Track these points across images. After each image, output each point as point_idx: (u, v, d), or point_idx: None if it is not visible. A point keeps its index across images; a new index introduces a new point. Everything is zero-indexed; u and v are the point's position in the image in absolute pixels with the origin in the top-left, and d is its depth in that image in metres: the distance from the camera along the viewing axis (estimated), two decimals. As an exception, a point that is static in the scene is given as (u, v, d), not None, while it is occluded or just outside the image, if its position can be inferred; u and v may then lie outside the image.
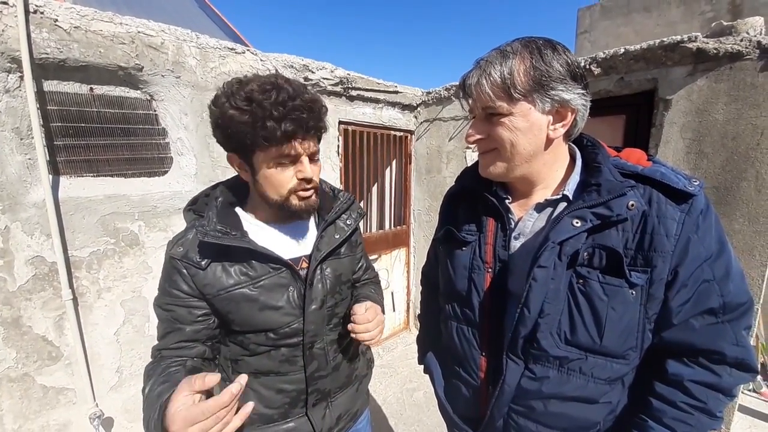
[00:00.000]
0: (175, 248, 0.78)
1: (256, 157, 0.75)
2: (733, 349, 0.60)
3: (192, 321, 0.79)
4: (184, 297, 0.78)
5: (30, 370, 1.44)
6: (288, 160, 0.75)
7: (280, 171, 0.76)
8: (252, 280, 0.79)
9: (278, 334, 0.82)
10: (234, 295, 0.78)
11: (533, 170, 0.69)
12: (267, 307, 0.80)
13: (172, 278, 0.78)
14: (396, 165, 3.05)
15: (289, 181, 0.77)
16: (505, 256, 0.72)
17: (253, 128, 0.70)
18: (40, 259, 1.43)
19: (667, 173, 0.62)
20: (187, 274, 0.77)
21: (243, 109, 0.69)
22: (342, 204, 0.93)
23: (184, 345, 0.79)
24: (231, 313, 0.79)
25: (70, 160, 1.51)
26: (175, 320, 0.79)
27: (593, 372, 0.64)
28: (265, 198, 0.80)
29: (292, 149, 0.74)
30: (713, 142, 1.60)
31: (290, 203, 0.79)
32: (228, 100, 0.71)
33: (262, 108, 0.69)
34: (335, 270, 0.89)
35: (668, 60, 1.66)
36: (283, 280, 0.82)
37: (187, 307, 0.78)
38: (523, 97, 0.61)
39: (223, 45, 1.79)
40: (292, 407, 0.87)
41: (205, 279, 0.77)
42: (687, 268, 0.59)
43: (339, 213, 0.91)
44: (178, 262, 0.77)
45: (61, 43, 1.36)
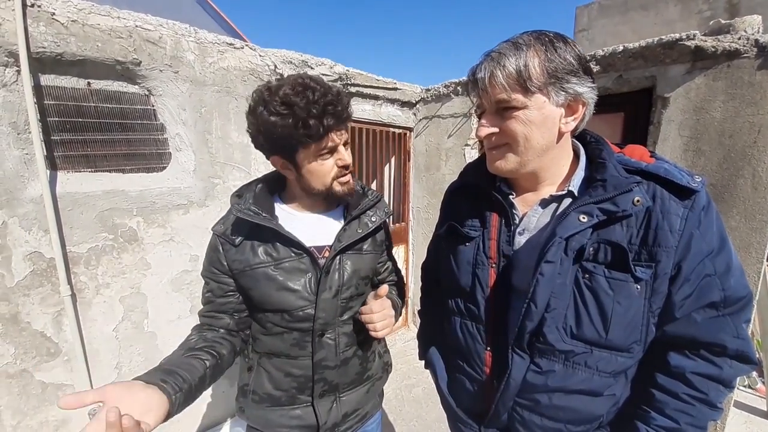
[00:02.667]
0: (218, 226, 0.89)
1: (299, 155, 0.81)
2: (733, 341, 0.61)
3: (221, 295, 0.89)
4: (217, 273, 0.88)
5: (28, 366, 1.43)
6: (328, 152, 0.82)
7: (322, 163, 0.83)
8: (274, 261, 0.85)
9: (292, 317, 0.87)
10: (257, 273, 0.85)
11: (542, 165, 0.69)
12: (284, 288, 0.85)
13: (211, 254, 0.89)
14: (395, 162, 3.04)
15: (331, 170, 0.84)
16: (510, 252, 0.72)
17: (296, 129, 0.76)
18: (38, 255, 1.42)
19: (671, 170, 0.63)
20: (222, 250, 0.87)
21: (282, 113, 0.75)
22: (369, 201, 0.97)
23: (214, 315, 0.90)
24: (251, 290, 0.87)
25: (68, 155, 1.50)
26: (210, 291, 0.90)
27: (598, 365, 0.64)
28: (309, 190, 0.87)
29: (331, 141, 0.81)
30: (710, 140, 1.62)
31: (334, 190, 0.86)
32: (265, 108, 0.77)
33: (300, 108, 0.75)
34: (355, 264, 0.92)
35: (666, 58, 1.67)
36: (303, 266, 0.87)
37: (218, 282, 0.89)
38: (538, 89, 0.61)
39: (222, 40, 1.77)
40: (299, 392, 0.91)
41: (236, 255, 0.86)
42: (690, 263, 0.60)
43: (364, 209, 0.95)
44: (217, 238, 0.88)
45: (59, 36, 1.34)
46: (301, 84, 0.78)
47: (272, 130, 0.77)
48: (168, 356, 0.80)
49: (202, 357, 0.80)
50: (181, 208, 1.76)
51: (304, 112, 0.75)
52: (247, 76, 1.85)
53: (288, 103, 0.75)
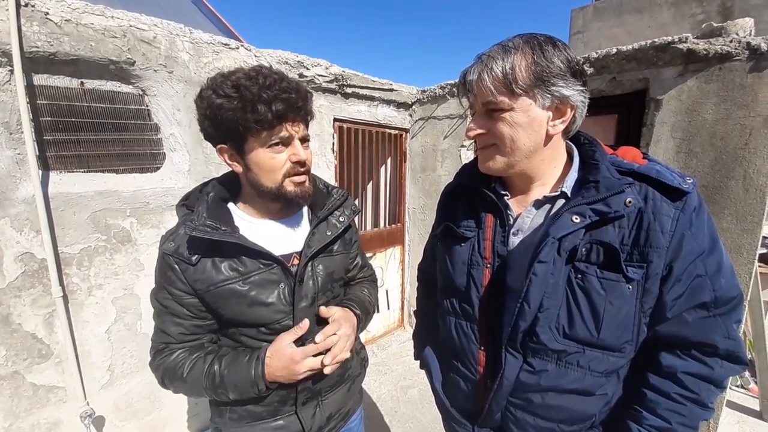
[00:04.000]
0: (167, 244, 0.78)
1: (248, 145, 0.74)
2: (724, 341, 0.61)
3: (189, 316, 0.81)
4: (179, 294, 0.79)
5: (20, 368, 1.41)
6: (280, 143, 0.75)
7: (273, 155, 0.75)
8: (242, 276, 0.79)
9: (270, 329, 0.82)
10: (223, 291, 0.78)
11: (532, 166, 0.69)
12: (257, 303, 0.79)
13: (166, 274, 0.79)
14: (391, 163, 3.05)
15: (282, 165, 0.77)
16: (504, 252, 0.72)
17: (243, 113, 0.70)
18: (30, 256, 1.40)
19: (663, 171, 0.63)
20: (179, 269, 0.77)
21: (231, 96, 0.70)
22: (335, 201, 0.92)
23: (189, 336, 0.82)
24: (220, 309, 0.80)
25: (61, 155, 1.48)
26: (173, 315, 0.81)
27: (590, 365, 0.65)
28: (259, 188, 0.79)
29: (284, 130, 0.74)
30: (702, 142, 1.63)
31: (285, 190, 0.79)
32: (214, 91, 0.71)
33: (251, 92, 0.69)
34: (327, 267, 0.88)
35: (659, 60, 1.69)
36: (274, 277, 0.81)
37: (181, 304, 0.80)
38: (524, 92, 0.62)
39: (217, 40, 1.77)
40: (281, 405, 0.86)
41: (196, 274, 0.77)
42: (681, 263, 0.61)
43: (332, 209, 0.91)
44: (170, 257, 0.77)
45: (52, 36, 1.32)
46: (254, 70, 0.73)
47: (218, 113, 0.71)
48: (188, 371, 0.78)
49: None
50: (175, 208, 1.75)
51: (254, 95, 0.70)
52: (243, 76, 1.85)
53: (237, 85, 0.70)
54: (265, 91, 0.70)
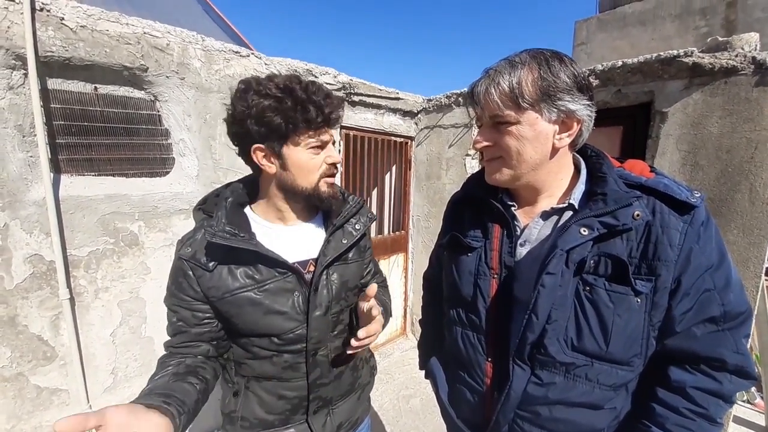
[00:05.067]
0: (184, 249, 0.78)
1: (290, 144, 0.76)
2: (733, 356, 0.61)
3: (196, 324, 0.80)
4: (189, 300, 0.79)
5: (24, 369, 1.41)
6: (320, 145, 0.78)
7: (312, 156, 0.78)
8: (257, 284, 0.78)
9: (282, 340, 0.81)
10: (239, 299, 0.77)
11: (538, 178, 0.70)
12: (271, 312, 0.79)
13: (179, 280, 0.78)
14: (396, 171, 3.06)
15: (319, 166, 0.80)
16: (511, 263, 0.73)
17: (294, 112, 0.72)
18: (39, 258, 1.42)
19: (671, 185, 0.64)
20: (193, 276, 0.77)
21: (278, 96, 0.72)
22: (351, 208, 0.91)
23: (190, 344, 0.81)
24: (234, 317, 0.79)
25: (72, 158, 1.51)
26: (180, 321, 0.80)
27: (599, 378, 0.65)
28: (293, 188, 0.80)
29: (326, 134, 0.79)
30: (708, 155, 1.64)
31: (320, 190, 0.81)
32: (257, 93, 0.73)
33: (301, 92, 0.73)
34: (342, 276, 0.88)
35: (665, 73, 1.70)
36: (289, 285, 0.80)
37: (191, 310, 0.79)
38: (530, 106, 0.63)
39: (228, 48, 1.80)
40: (293, 413, 0.86)
41: (211, 281, 0.77)
42: (689, 277, 0.61)
43: (348, 217, 0.90)
44: (185, 263, 0.77)
45: (67, 41, 1.36)
46: (296, 77, 0.77)
47: (265, 112, 0.72)
48: (152, 383, 0.72)
49: (191, 381, 0.74)
50: (182, 213, 1.77)
51: (306, 97, 0.73)
52: (252, 83, 1.88)
53: (286, 87, 0.73)
54: (314, 95, 0.74)
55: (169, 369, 0.76)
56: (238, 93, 0.76)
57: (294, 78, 0.76)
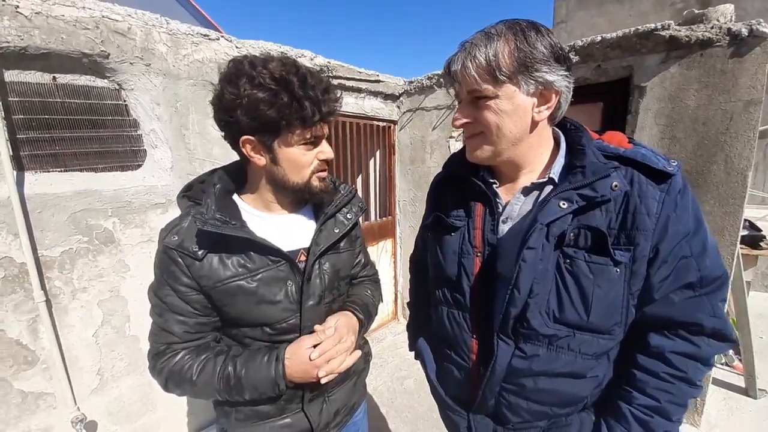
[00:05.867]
0: (169, 237, 0.74)
1: (281, 139, 0.73)
2: (710, 320, 0.63)
3: (193, 314, 0.77)
4: (183, 290, 0.75)
5: (6, 375, 1.36)
6: (313, 142, 0.76)
7: (305, 152, 0.75)
8: (250, 273, 0.76)
9: (275, 329, 0.80)
10: (230, 288, 0.75)
11: (519, 153, 0.69)
12: (264, 301, 0.78)
13: (170, 269, 0.74)
14: (380, 156, 3.03)
15: (311, 162, 0.77)
16: (494, 240, 0.72)
17: (289, 109, 0.68)
18: (9, 260, 1.35)
19: (648, 155, 0.64)
20: (183, 264, 0.73)
21: (274, 89, 0.67)
22: (343, 197, 0.91)
23: (194, 335, 0.78)
24: (226, 306, 0.77)
25: (35, 154, 1.42)
26: (177, 313, 0.76)
27: (581, 348, 0.66)
28: (284, 183, 0.78)
29: (321, 131, 0.75)
30: (685, 128, 1.67)
31: (312, 185, 0.79)
32: (250, 81, 0.67)
33: (298, 87, 0.68)
34: (334, 265, 0.88)
35: (643, 48, 1.70)
36: (282, 274, 0.79)
37: (186, 301, 0.75)
38: (508, 79, 0.61)
39: (196, 31, 1.71)
40: (288, 403, 0.85)
41: (202, 270, 0.74)
42: (667, 245, 0.61)
43: (339, 206, 0.89)
44: (173, 251, 0.73)
45: (22, 30, 1.26)
46: (292, 63, 0.71)
47: (259, 105, 0.67)
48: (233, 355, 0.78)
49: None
50: (159, 207, 1.70)
51: (302, 91, 0.68)
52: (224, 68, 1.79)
53: (281, 78, 0.68)
54: (312, 90, 0.70)
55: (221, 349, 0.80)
56: (228, 77, 0.70)
57: (291, 66, 0.70)
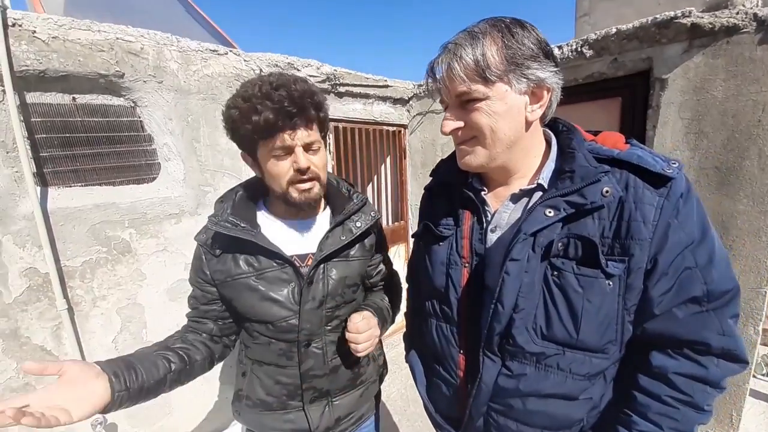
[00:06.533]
0: (200, 235, 0.88)
1: (259, 152, 0.79)
2: (718, 339, 0.56)
3: (204, 302, 0.89)
4: (200, 281, 0.88)
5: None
6: (282, 152, 0.77)
7: (276, 162, 0.78)
8: (256, 271, 0.84)
9: (276, 327, 0.85)
10: (239, 284, 0.84)
11: (512, 157, 0.66)
12: (266, 299, 0.84)
13: (195, 263, 0.89)
14: (390, 161, 3.01)
15: (286, 172, 0.79)
16: (482, 250, 0.69)
17: (243, 123, 0.74)
18: (34, 271, 1.44)
19: (644, 156, 0.59)
20: (204, 259, 0.86)
21: (242, 107, 0.74)
22: (353, 206, 0.93)
23: (198, 320, 0.91)
24: (234, 300, 0.86)
25: (57, 171, 1.51)
26: (194, 298, 0.91)
27: (571, 368, 0.61)
28: (272, 192, 0.85)
29: (283, 140, 0.75)
30: (713, 121, 1.54)
31: (290, 196, 0.81)
32: (230, 101, 0.77)
33: (250, 103, 0.73)
34: (341, 272, 0.89)
35: (662, 38, 1.59)
36: (285, 275, 0.84)
37: (202, 290, 0.89)
38: (498, 78, 0.58)
39: (205, 47, 1.77)
40: (289, 399, 0.90)
41: (217, 266, 0.85)
42: (667, 255, 0.56)
43: (348, 214, 0.91)
44: (199, 248, 0.88)
45: (41, 54, 1.35)
46: (261, 79, 0.77)
47: (230, 123, 0.78)
48: (142, 348, 0.81)
49: (170, 358, 0.79)
50: (173, 217, 1.77)
51: (251, 106, 0.73)
52: (233, 82, 1.85)
53: (244, 96, 0.74)
54: (260, 101, 0.73)
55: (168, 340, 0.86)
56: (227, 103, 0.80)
57: (259, 81, 0.76)
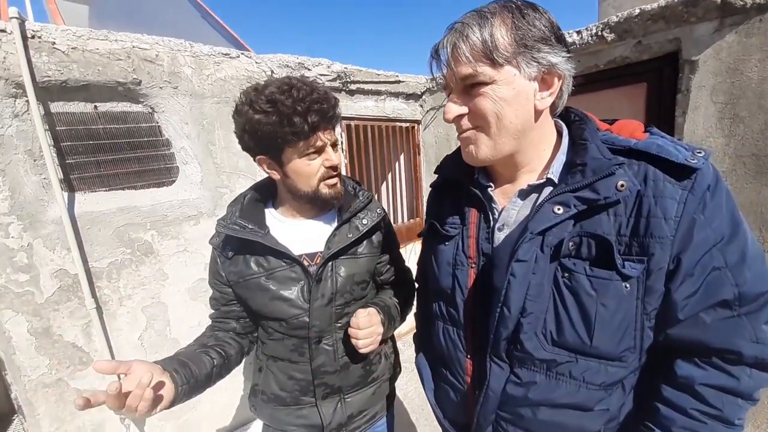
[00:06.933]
0: (213, 238, 0.92)
1: (285, 155, 0.80)
2: (751, 347, 0.51)
3: (224, 303, 0.94)
4: (218, 283, 0.92)
5: (63, 375, 1.54)
6: (315, 151, 0.81)
7: (308, 162, 0.81)
8: (266, 271, 0.86)
9: (289, 324, 0.88)
10: (250, 284, 0.87)
11: (520, 149, 0.62)
12: (277, 298, 0.86)
13: (212, 265, 0.93)
14: (404, 157, 2.98)
15: (317, 170, 0.83)
16: (489, 250, 0.66)
17: (281, 126, 0.75)
18: (64, 272, 1.52)
19: (665, 146, 0.54)
20: (219, 262, 0.90)
21: (267, 111, 0.75)
22: (359, 203, 0.94)
23: (222, 320, 0.95)
24: (248, 300, 0.89)
25: (83, 176, 1.58)
26: (215, 300, 0.95)
27: (585, 376, 0.57)
28: (296, 192, 0.86)
29: (318, 140, 0.80)
30: (749, 105, 1.42)
31: (321, 192, 0.85)
32: (251, 107, 0.76)
33: (286, 106, 0.74)
34: (349, 269, 0.91)
35: (691, 16, 1.48)
36: (294, 274, 0.87)
37: (220, 292, 0.93)
38: (506, 61, 0.54)
39: (217, 51, 1.80)
40: (302, 395, 0.93)
41: (230, 267, 0.89)
42: (692, 254, 0.51)
43: (354, 212, 0.93)
44: (214, 251, 0.92)
45: (61, 64, 1.41)
46: (287, 83, 0.78)
47: (257, 128, 0.76)
48: (184, 348, 0.86)
49: (211, 355, 0.85)
50: (191, 219, 1.82)
51: (290, 109, 0.74)
52: (245, 84, 1.86)
53: (273, 100, 0.74)
54: (299, 104, 0.75)
55: (202, 338, 0.91)
56: (237, 106, 0.80)
57: (284, 86, 0.76)
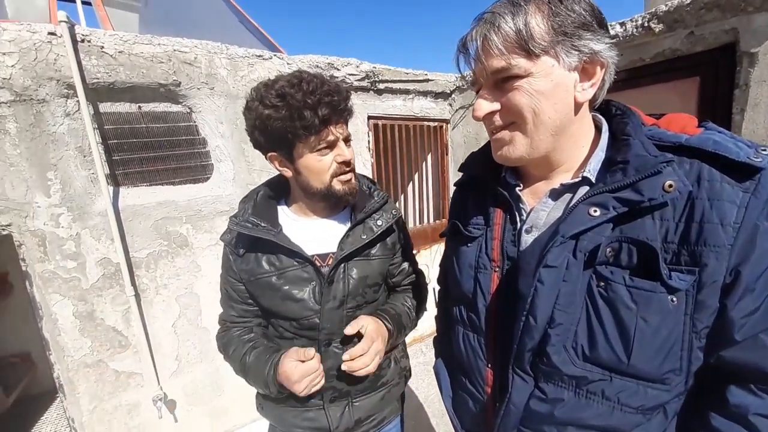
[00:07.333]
0: (225, 235, 0.91)
1: (296, 150, 0.78)
2: None
3: (240, 301, 0.92)
4: (232, 280, 0.91)
5: (103, 356, 1.65)
6: (326, 146, 0.78)
7: (320, 158, 0.79)
8: (278, 270, 0.85)
9: (300, 325, 0.86)
10: (261, 282, 0.86)
11: (558, 147, 0.56)
12: (288, 298, 0.84)
13: (225, 262, 0.92)
14: (432, 157, 2.93)
15: (329, 166, 0.80)
16: (515, 254, 0.62)
17: (291, 121, 0.73)
18: (107, 261, 1.63)
19: (723, 142, 0.47)
20: (231, 259, 0.89)
21: (277, 105, 0.73)
22: (374, 204, 0.91)
23: (241, 319, 0.94)
24: (259, 298, 0.88)
25: (127, 172, 1.69)
26: (228, 297, 0.93)
27: (620, 398, 0.51)
28: (308, 189, 0.83)
29: (330, 134, 0.78)
30: (826, 100, 1.25)
31: (333, 189, 0.82)
32: (261, 102, 0.75)
33: (296, 100, 0.73)
34: (361, 271, 0.88)
35: (749, 5, 1.33)
36: (306, 275, 0.85)
37: (235, 289, 0.91)
38: (543, 51, 0.49)
39: (251, 53, 1.86)
40: (309, 397, 0.88)
41: (242, 265, 0.87)
42: (753, 266, 0.44)
43: (369, 213, 0.90)
44: (226, 248, 0.91)
45: (109, 67, 1.51)
46: (296, 77, 0.76)
47: (267, 123, 0.75)
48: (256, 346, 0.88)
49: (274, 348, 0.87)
50: (224, 214, 1.89)
51: (300, 102, 0.72)
52: (276, 84, 1.92)
53: (282, 94, 0.73)
54: (309, 97, 0.73)
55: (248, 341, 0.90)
56: (247, 103, 0.79)
57: (294, 80, 0.75)
